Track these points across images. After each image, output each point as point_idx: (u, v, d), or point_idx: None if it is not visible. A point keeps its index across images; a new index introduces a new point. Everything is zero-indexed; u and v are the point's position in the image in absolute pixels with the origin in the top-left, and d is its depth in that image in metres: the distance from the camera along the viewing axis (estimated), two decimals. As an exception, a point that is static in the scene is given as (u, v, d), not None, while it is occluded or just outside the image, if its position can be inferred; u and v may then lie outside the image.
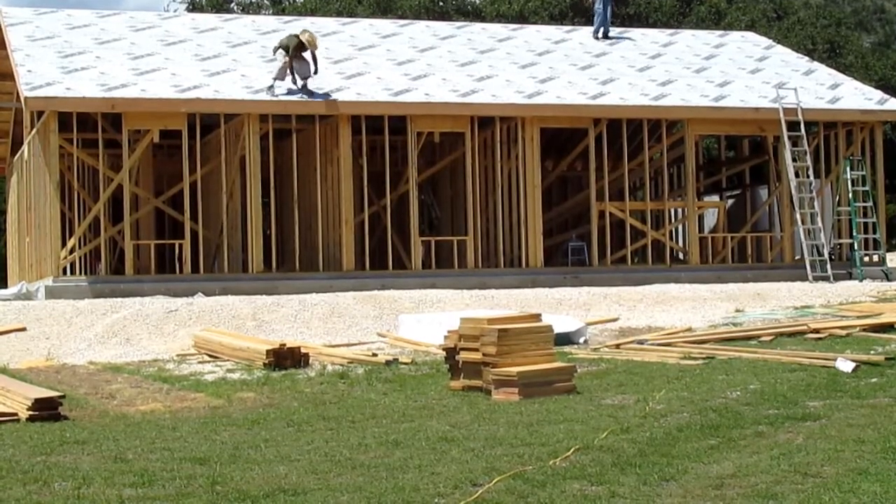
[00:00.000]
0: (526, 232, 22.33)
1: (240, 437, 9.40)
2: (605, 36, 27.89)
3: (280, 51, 21.34)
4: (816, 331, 15.02)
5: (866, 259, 23.87)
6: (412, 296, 18.72)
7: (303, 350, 13.89)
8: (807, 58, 29.65)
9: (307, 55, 21.37)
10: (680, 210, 25.54)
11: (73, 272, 22.85)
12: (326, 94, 21.46)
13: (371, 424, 9.91)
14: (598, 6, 28.21)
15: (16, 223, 27.59)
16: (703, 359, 13.33)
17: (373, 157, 23.79)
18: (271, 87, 21.19)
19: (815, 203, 23.44)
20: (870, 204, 23.93)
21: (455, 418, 10.08)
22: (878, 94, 25.68)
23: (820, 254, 23.01)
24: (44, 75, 20.85)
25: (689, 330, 16.10)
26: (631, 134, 23.92)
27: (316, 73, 21.45)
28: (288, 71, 21.17)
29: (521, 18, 43.67)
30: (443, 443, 8.80)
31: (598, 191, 23.33)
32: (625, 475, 7.52)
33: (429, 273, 21.85)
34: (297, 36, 21.39)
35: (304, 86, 21.34)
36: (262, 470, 7.89)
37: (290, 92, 21.30)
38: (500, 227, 22.54)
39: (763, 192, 26.27)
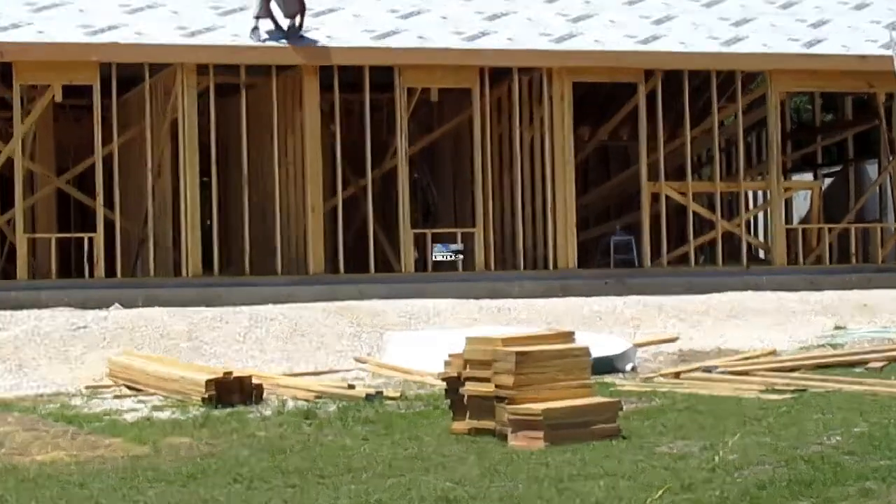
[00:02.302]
0: (554, 222, 22.34)
1: (171, 496, 9.41)
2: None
3: None
4: (943, 355, 15.07)
5: None
6: (401, 307, 18.73)
7: (255, 380, 13.91)
8: (932, -13, 29.68)
9: None
10: (760, 193, 25.55)
11: (-54, 276, 22.89)
12: (313, 40, 21.41)
13: (346, 480, 9.93)
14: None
15: None
16: (792, 392, 13.35)
17: (349, 123, 23.81)
18: (255, 28, 21.20)
19: (943, 183, 23.50)
20: None
21: (459, 472, 10.09)
22: None
23: (949, 251, 23.06)
24: None
25: (773, 353, 16.14)
26: (695, 91, 23.93)
27: (301, 20, 21.37)
28: (270, 6, 21.17)
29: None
30: (443, 505, 8.82)
31: (650, 167, 23.34)
32: (686, 548, 7.54)
33: (423, 277, 21.85)
34: None
35: (293, 26, 21.30)
36: (200, 541, 7.91)
37: (276, 32, 21.27)
38: (518, 215, 22.55)
39: (872, 169, 26.29)
